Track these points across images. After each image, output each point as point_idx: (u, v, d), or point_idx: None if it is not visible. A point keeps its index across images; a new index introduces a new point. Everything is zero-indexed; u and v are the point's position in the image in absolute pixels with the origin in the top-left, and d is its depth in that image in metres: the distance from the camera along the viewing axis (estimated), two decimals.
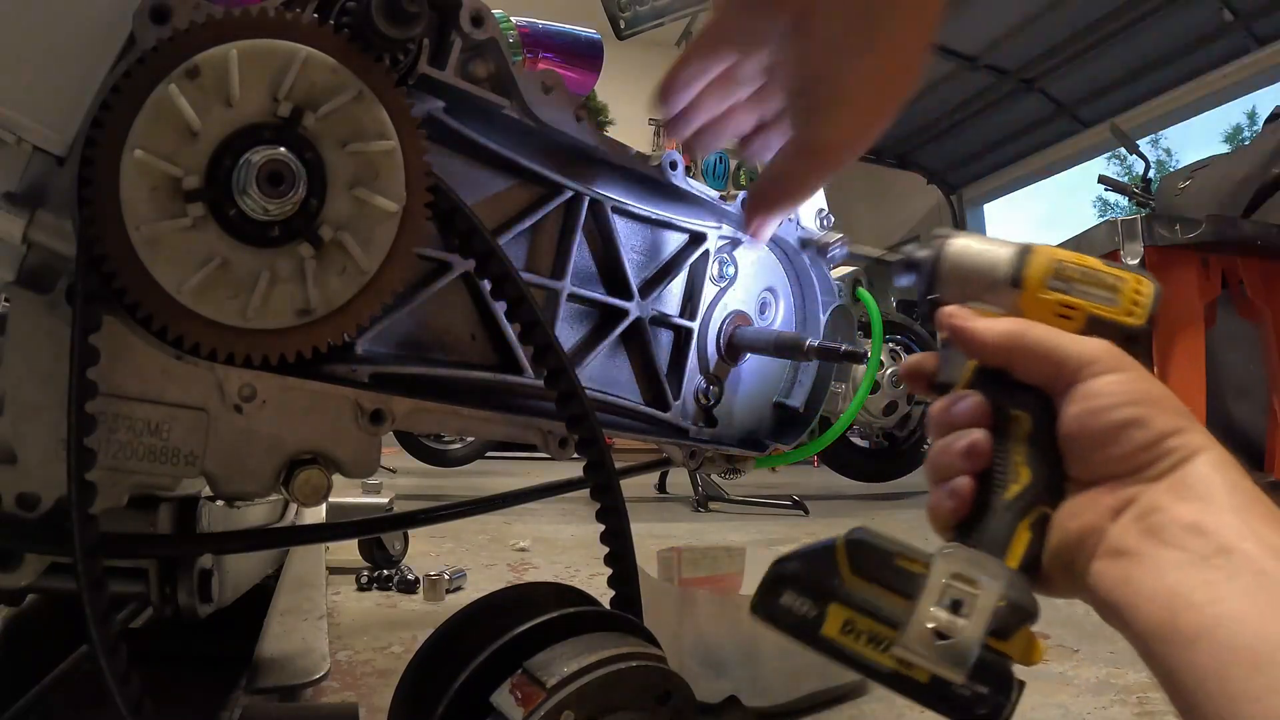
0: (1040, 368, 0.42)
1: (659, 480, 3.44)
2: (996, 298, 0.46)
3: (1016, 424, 0.43)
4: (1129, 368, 0.40)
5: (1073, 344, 0.41)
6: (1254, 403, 2.03)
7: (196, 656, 0.96)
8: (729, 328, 0.74)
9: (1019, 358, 0.42)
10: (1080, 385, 0.40)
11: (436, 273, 0.54)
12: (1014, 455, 0.42)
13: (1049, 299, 0.44)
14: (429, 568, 1.49)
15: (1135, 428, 0.38)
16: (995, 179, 6.88)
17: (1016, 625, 0.38)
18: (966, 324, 0.44)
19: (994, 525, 0.42)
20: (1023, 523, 0.41)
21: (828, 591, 0.41)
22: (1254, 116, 14.45)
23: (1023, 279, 0.45)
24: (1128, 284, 0.44)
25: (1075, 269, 0.45)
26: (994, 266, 0.46)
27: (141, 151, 0.39)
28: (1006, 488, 0.42)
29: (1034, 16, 4.72)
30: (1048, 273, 0.45)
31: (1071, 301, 0.44)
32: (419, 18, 0.42)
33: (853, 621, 0.40)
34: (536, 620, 0.44)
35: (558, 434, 0.58)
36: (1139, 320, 0.43)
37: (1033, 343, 0.42)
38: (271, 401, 0.46)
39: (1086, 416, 0.40)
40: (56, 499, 0.43)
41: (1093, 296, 0.44)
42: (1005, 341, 0.43)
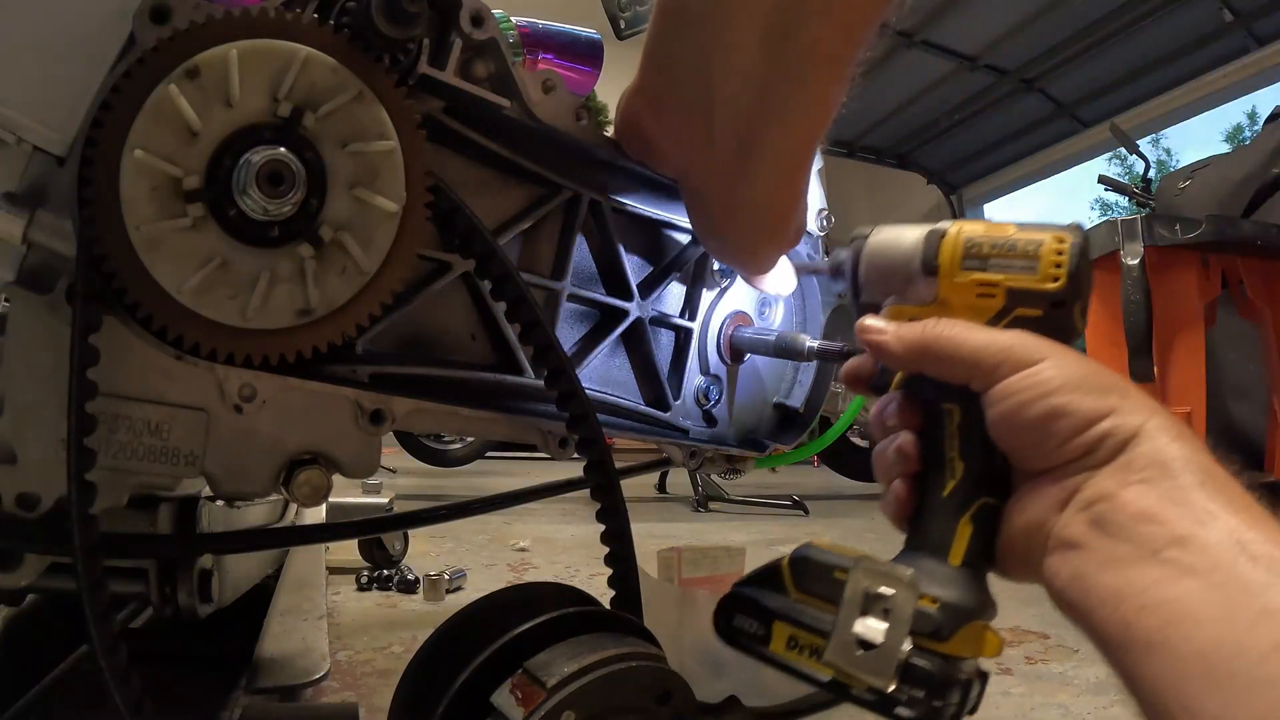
0: (953, 372, 0.40)
1: (659, 480, 3.44)
2: (915, 289, 0.44)
3: (949, 419, 0.42)
4: (1047, 355, 0.38)
5: (982, 341, 0.39)
6: (1254, 403, 2.03)
7: (196, 656, 0.96)
8: (729, 328, 0.74)
9: (930, 366, 0.41)
10: (995, 387, 0.38)
11: (436, 273, 0.54)
12: (948, 451, 0.42)
13: (966, 281, 0.42)
14: (429, 568, 1.49)
15: (1056, 420, 0.36)
16: (995, 179, 6.88)
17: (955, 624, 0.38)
18: (876, 338, 0.43)
19: (933, 524, 0.41)
20: (963, 518, 0.40)
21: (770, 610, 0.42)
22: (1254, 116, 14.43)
23: (936, 265, 0.43)
24: (1046, 246, 0.41)
25: (988, 243, 0.42)
26: (907, 258, 0.44)
27: (141, 151, 0.39)
28: (943, 485, 0.41)
29: (1034, 16, 4.72)
30: (961, 253, 0.43)
31: (988, 279, 0.42)
32: (419, 18, 0.42)
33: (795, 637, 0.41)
34: (537, 620, 0.44)
35: (557, 434, 0.58)
36: (1061, 284, 0.41)
37: (939, 350, 0.41)
38: (271, 401, 0.46)
39: (1006, 418, 0.38)
40: (56, 499, 0.43)
41: (1010, 268, 0.42)
42: (914, 352, 0.41)
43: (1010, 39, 4.98)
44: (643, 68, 0.50)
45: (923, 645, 0.37)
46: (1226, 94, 5.28)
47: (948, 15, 4.63)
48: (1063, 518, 0.36)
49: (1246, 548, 0.31)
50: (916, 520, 0.42)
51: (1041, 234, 0.42)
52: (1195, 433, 0.36)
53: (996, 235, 0.43)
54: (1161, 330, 1.66)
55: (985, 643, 0.39)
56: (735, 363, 0.76)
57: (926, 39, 4.94)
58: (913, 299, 0.44)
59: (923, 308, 0.44)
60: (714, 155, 0.50)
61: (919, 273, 0.44)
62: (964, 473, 0.41)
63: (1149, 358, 1.64)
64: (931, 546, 0.41)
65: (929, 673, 0.37)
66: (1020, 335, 0.39)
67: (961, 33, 4.93)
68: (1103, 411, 0.36)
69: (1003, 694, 1.05)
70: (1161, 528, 0.32)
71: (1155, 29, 4.72)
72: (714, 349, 0.74)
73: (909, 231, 0.45)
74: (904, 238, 0.45)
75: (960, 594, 0.38)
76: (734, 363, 0.75)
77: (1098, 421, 0.36)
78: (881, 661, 0.37)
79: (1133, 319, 1.64)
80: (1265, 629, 0.28)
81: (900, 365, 0.43)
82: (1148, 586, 0.32)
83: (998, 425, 0.39)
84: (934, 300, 0.44)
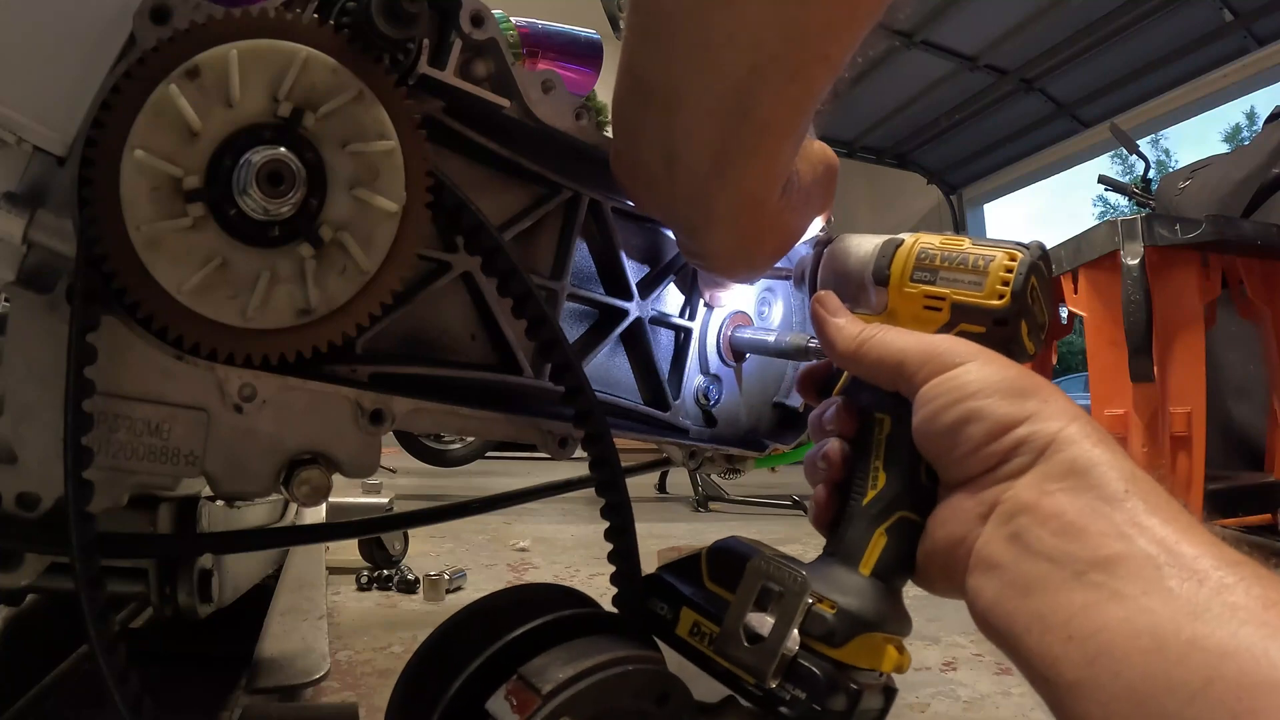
0: (883, 376, 0.40)
1: (659, 480, 3.44)
2: (867, 298, 0.44)
3: (879, 428, 0.42)
4: (972, 358, 0.37)
5: (908, 344, 0.39)
6: (1254, 403, 2.03)
7: (196, 656, 0.96)
8: (729, 328, 0.74)
9: (863, 365, 0.41)
10: (924, 388, 0.38)
11: (436, 273, 0.54)
12: (874, 460, 0.41)
13: (914, 292, 0.43)
14: (429, 568, 1.49)
15: (971, 423, 0.36)
16: (995, 179, 6.89)
17: (850, 631, 0.37)
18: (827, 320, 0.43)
19: (849, 532, 0.41)
20: (878, 529, 0.40)
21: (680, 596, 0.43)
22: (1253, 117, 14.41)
23: (887, 275, 0.43)
24: (996, 262, 0.41)
25: (939, 255, 0.42)
26: (862, 265, 0.44)
27: (142, 151, 0.39)
28: (864, 494, 0.41)
29: (1034, 16, 4.73)
30: (911, 265, 0.43)
31: (935, 291, 0.42)
32: (419, 18, 0.42)
33: (699, 624, 0.42)
34: (531, 624, 0.43)
35: (557, 434, 0.58)
36: (1005, 301, 0.41)
37: (872, 349, 0.41)
38: (272, 401, 0.46)
39: (926, 422, 0.38)
40: (56, 499, 0.43)
41: (958, 282, 0.42)
42: (852, 348, 0.41)
43: (1010, 39, 4.98)
44: (614, 131, 0.53)
45: (812, 647, 0.37)
46: (1226, 94, 5.28)
47: (948, 15, 4.64)
48: (984, 534, 0.35)
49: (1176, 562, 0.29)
50: (835, 526, 0.42)
51: (996, 250, 0.42)
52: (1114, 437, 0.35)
53: (950, 248, 0.42)
54: (1161, 330, 1.66)
55: (884, 656, 0.38)
56: (735, 363, 0.76)
57: (926, 39, 4.94)
58: (864, 307, 0.45)
59: (872, 316, 0.44)
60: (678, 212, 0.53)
61: (870, 281, 0.44)
62: (885, 483, 0.41)
63: (1149, 358, 1.64)
64: (844, 554, 0.41)
65: (813, 675, 0.37)
66: (950, 339, 0.39)
67: (961, 33, 4.93)
68: (1019, 417, 0.35)
69: (1003, 694, 1.05)
70: (1084, 545, 0.31)
71: (1155, 29, 4.73)
72: (714, 349, 0.74)
73: (868, 240, 0.45)
74: (862, 246, 0.45)
75: (861, 603, 0.38)
76: (734, 363, 0.76)
77: (1013, 427, 0.35)
78: (764, 655, 0.38)
79: (1133, 319, 1.64)
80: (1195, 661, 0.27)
81: (838, 359, 0.43)
82: (1073, 615, 0.30)
83: (918, 431, 0.38)
84: (883, 310, 0.44)
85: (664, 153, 0.48)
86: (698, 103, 0.44)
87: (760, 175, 0.49)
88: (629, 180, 0.54)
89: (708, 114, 0.44)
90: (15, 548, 0.48)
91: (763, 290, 0.78)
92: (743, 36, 0.40)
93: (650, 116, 0.47)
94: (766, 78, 0.42)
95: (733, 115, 0.44)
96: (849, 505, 0.42)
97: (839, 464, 0.42)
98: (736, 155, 0.46)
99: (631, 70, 0.47)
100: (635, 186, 0.54)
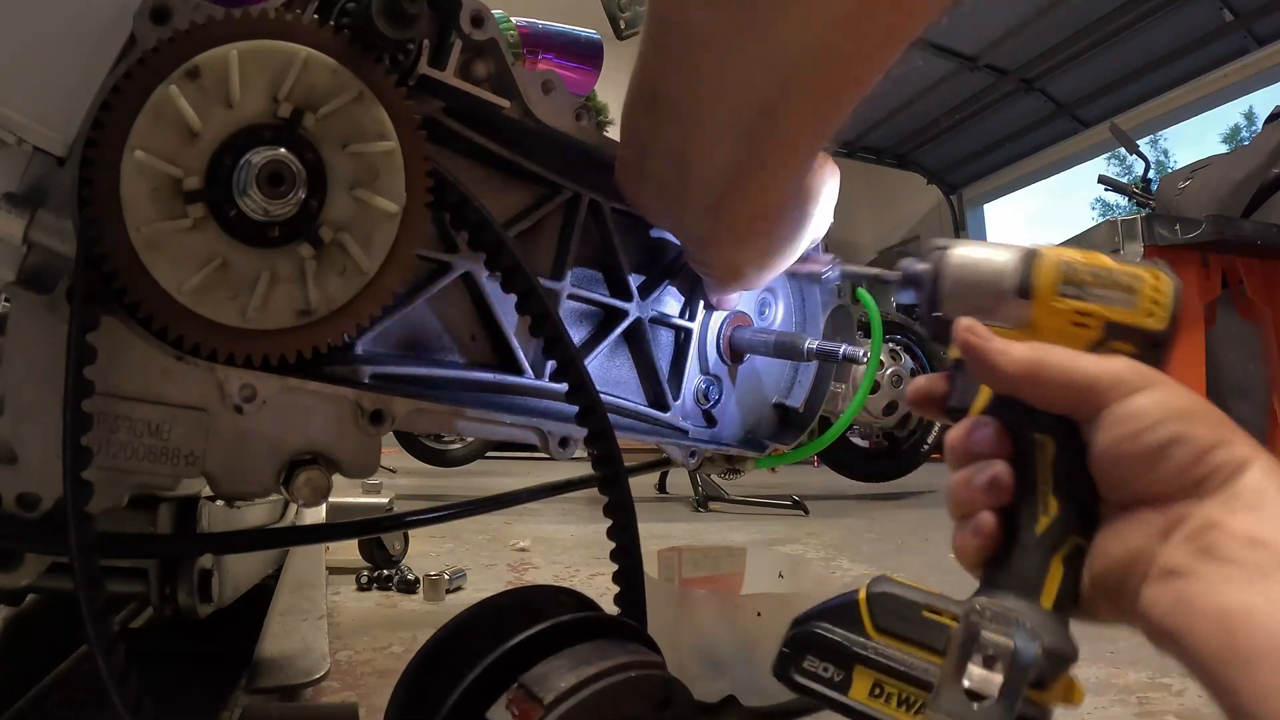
0: (1064, 396, 0.39)
1: (659, 480, 3.44)
2: (1005, 310, 0.42)
3: (1041, 451, 0.40)
4: (1158, 383, 0.37)
5: (1096, 366, 0.38)
6: (1254, 403, 2.03)
7: (196, 656, 0.96)
8: (729, 328, 0.74)
9: (1040, 388, 0.39)
10: (1110, 409, 0.37)
11: (436, 273, 0.54)
12: (1041, 485, 0.39)
13: (1062, 307, 0.41)
14: (429, 568, 1.49)
15: (1177, 445, 0.36)
16: (995, 179, 6.89)
17: (1055, 673, 0.36)
18: (985, 346, 0.41)
19: (1024, 563, 0.39)
20: (1055, 558, 0.38)
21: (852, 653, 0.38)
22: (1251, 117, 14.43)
23: (1032, 288, 0.41)
24: (1145, 282, 0.40)
25: (1087, 271, 0.41)
26: (999, 276, 0.42)
27: (142, 152, 0.39)
28: (1036, 521, 0.39)
29: (1034, 16, 4.73)
30: (1058, 278, 0.41)
31: (1087, 308, 0.40)
32: (419, 18, 0.42)
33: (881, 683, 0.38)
34: (531, 631, 0.43)
35: (557, 434, 0.58)
36: (1161, 323, 0.40)
37: (1053, 371, 0.39)
38: (272, 402, 0.46)
39: (1123, 441, 0.37)
40: (56, 499, 0.43)
41: (1109, 300, 0.40)
42: (1024, 370, 0.39)
43: (1010, 39, 4.99)
44: (622, 141, 0.52)
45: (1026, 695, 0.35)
46: (1226, 94, 5.29)
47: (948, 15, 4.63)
48: (1167, 547, 0.35)
49: None
50: (1002, 557, 0.39)
51: (1139, 269, 0.41)
52: None
53: (1095, 263, 0.41)
54: None
55: (1074, 691, 0.37)
56: (735, 363, 0.76)
57: (926, 39, 4.94)
58: (1001, 319, 0.42)
59: (1012, 330, 0.42)
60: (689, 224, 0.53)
61: (1011, 293, 0.42)
62: (1059, 510, 0.39)
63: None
64: (1021, 587, 0.38)
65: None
66: (1131, 363, 0.39)
67: (961, 33, 4.94)
68: (1217, 441, 0.36)
69: None
70: (1269, 551, 0.32)
71: (1155, 29, 4.73)
72: (714, 349, 0.74)
73: (999, 250, 0.43)
74: (995, 256, 0.43)
75: (1059, 641, 0.36)
76: (734, 363, 0.76)
77: (1214, 450, 0.36)
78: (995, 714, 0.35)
79: None
80: None
81: (1004, 384, 0.40)
82: (1256, 604, 0.31)
83: (1109, 449, 0.38)
84: (1025, 324, 0.42)
85: (678, 166, 0.47)
86: (720, 120, 0.43)
87: (778, 192, 0.48)
88: (636, 190, 0.54)
89: (728, 131, 0.43)
90: (15, 548, 0.48)
91: (763, 290, 0.78)
92: (776, 59, 0.40)
93: (666, 130, 0.46)
94: (796, 99, 0.41)
95: (756, 133, 0.43)
96: (1019, 535, 0.39)
97: (1010, 489, 0.40)
98: (757, 171, 0.45)
99: (647, 81, 0.46)
100: (644, 197, 0.54)
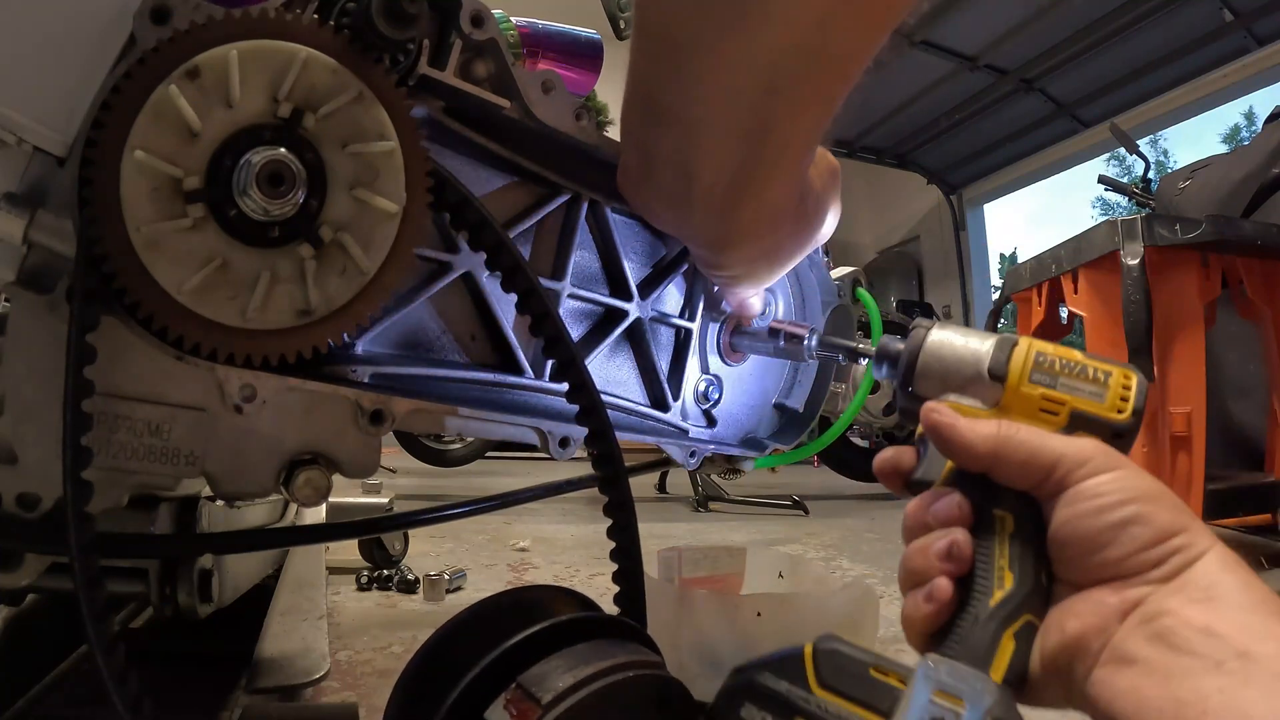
0: (1027, 473, 0.40)
1: (659, 480, 3.44)
2: (977, 390, 0.44)
3: (1000, 525, 0.41)
4: (1123, 465, 0.39)
5: (1063, 445, 0.39)
6: (1254, 403, 2.03)
7: (196, 656, 0.96)
8: (729, 328, 0.74)
9: (1004, 464, 0.40)
10: (1073, 488, 0.38)
11: (436, 273, 0.54)
12: (997, 559, 0.40)
13: (1032, 393, 0.43)
14: (429, 568, 1.49)
15: (1137, 525, 0.36)
16: (995, 179, 6.89)
17: None
18: (951, 424, 0.42)
19: (975, 635, 0.39)
20: (1007, 632, 0.38)
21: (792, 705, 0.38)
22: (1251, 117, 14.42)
23: (1005, 373, 0.43)
24: (1114, 377, 0.42)
25: (1058, 362, 0.43)
26: (975, 360, 0.44)
27: (142, 152, 0.39)
28: (990, 593, 0.39)
29: (1034, 16, 4.73)
30: (1031, 365, 0.43)
31: (1056, 396, 0.42)
32: (419, 18, 0.42)
33: None
34: (529, 631, 0.42)
35: (558, 434, 0.58)
36: (1126, 416, 0.42)
37: (1019, 448, 0.40)
38: (272, 402, 0.46)
39: (1083, 518, 0.38)
40: (57, 499, 0.43)
41: (1078, 391, 0.42)
42: (991, 446, 0.41)
43: (1010, 39, 4.99)
44: (623, 148, 0.53)
45: None
46: (1226, 94, 5.28)
47: (948, 15, 4.64)
48: (1121, 630, 0.36)
49: None
50: (953, 628, 0.39)
51: (1110, 365, 0.43)
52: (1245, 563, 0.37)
53: (1067, 356, 0.43)
54: (1161, 330, 1.66)
55: None
56: (735, 363, 0.76)
57: (926, 39, 4.94)
58: (972, 397, 0.44)
59: (982, 410, 0.44)
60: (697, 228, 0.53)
61: (984, 376, 0.44)
62: (1014, 583, 0.39)
63: (1149, 358, 1.64)
64: (970, 659, 0.38)
65: None
66: (1099, 444, 0.40)
67: (961, 33, 4.93)
68: (1178, 527, 0.36)
69: None
70: (1224, 642, 0.33)
71: (1155, 29, 4.72)
72: (714, 349, 0.74)
73: (974, 335, 0.46)
74: (970, 339, 0.45)
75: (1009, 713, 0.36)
76: (734, 363, 0.76)
77: (1173, 536, 0.36)
78: None
79: (1133, 319, 1.64)
80: None
81: (970, 458, 0.42)
82: (1209, 695, 0.32)
83: (1068, 526, 0.38)
84: (994, 405, 0.43)
85: (680, 170, 0.47)
86: (715, 125, 0.43)
87: (782, 189, 0.49)
88: (641, 196, 0.53)
89: (726, 135, 0.43)
90: (15, 548, 0.48)
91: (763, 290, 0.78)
92: (759, 60, 0.40)
93: (665, 137, 0.46)
94: (785, 98, 0.41)
95: (752, 136, 0.43)
96: (972, 606, 0.39)
97: (970, 557, 0.40)
98: (758, 172, 0.46)
99: (641, 91, 0.46)
100: (648, 203, 0.54)
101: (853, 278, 0.82)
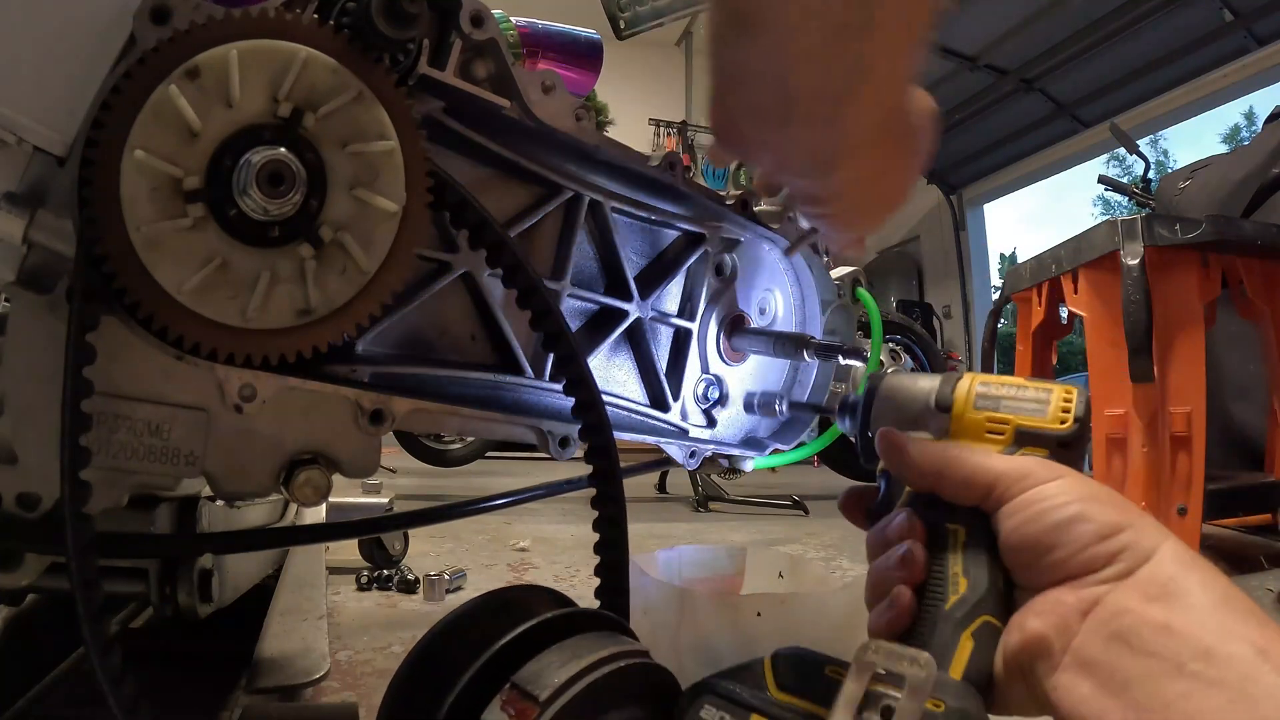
0: (970, 489, 0.42)
1: (659, 480, 3.44)
2: (928, 423, 0.47)
3: (953, 538, 0.43)
4: (1065, 475, 0.40)
5: (1003, 464, 0.41)
6: (1254, 403, 2.03)
7: (196, 656, 0.96)
8: (728, 328, 0.74)
9: (948, 481, 0.43)
10: (1016, 499, 0.40)
11: (436, 273, 0.54)
12: (952, 567, 0.42)
13: (977, 417, 0.46)
14: (429, 568, 1.49)
15: (1079, 523, 0.37)
16: (995, 179, 6.89)
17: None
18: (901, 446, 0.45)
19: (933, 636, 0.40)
20: (965, 632, 0.40)
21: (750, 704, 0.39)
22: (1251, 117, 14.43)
23: (950, 402, 0.47)
24: (1055, 394, 0.45)
25: (999, 387, 0.46)
26: (924, 394, 0.48)
27: (142, 152, 0.39)
28: (946, 598, 0.41)
29: (1034, 16, 4.73)
30: (974, 395, 0.46)
31: (1000, 417, 0.45)
32: (419, 18, 0.42)
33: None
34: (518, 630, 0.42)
35: (557, 434, 0.58)
36: (1069, 426, 0.44)
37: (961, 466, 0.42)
38: (272, 401, 0.46)
39: (1028, 523, 0.39)
40: (56, 499, 0.43)
41: (1021, 409, 0.45)
42: (936, 466, 0.43)
43: (1010, 39, 4.99)
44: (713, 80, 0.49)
45: None
46: (1226, 94, 5.28)
47: (948, 15, 4.64)
48: (1080, 633, 0.36)
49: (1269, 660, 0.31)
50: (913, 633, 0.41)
51: (1052, 385, 0.46)
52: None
53: (1009, 381, 0.47)
54: (1161, 330, 1.65)
55: None
56: (735, 363, 0.76)
57: None
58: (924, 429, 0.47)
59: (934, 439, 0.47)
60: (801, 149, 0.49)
61: (932, 409, 0.47)
62: (968, 588, 0.41)
63: (1149, 358, 1.64)
64: None
65: None
66: (1041, 461, 0.41)
67: (961, 33, 4.94)
68: (1122, 524, 0.37)
69: None
70: (1185, 642, 0.33)
71: (1155, 29, 4.72)
72: (714, 349, 0.74)
73: (924, 377, 0.50)
74: (918, 380, 0.49)
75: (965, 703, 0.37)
76: (734, 363, 0.76)
77: (1118, 532, 0.37)
78: None
79: (1133, 319, 1.64)
80: None
81: (917, 477, 0.44)
82: (1173, 700, 0.31)
83: (1016, 531, 0.39)
84: (943, 434, 0.47)
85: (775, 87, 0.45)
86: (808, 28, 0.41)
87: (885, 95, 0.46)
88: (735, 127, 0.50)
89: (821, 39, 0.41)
90: (15, 548, 0.48)
91: (762, 290, 0.78)
92: None
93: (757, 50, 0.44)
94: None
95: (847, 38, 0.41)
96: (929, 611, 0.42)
97: (923, 564, 0.42)
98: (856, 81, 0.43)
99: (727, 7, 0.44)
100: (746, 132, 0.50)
101: (852, 278, 0.82)
